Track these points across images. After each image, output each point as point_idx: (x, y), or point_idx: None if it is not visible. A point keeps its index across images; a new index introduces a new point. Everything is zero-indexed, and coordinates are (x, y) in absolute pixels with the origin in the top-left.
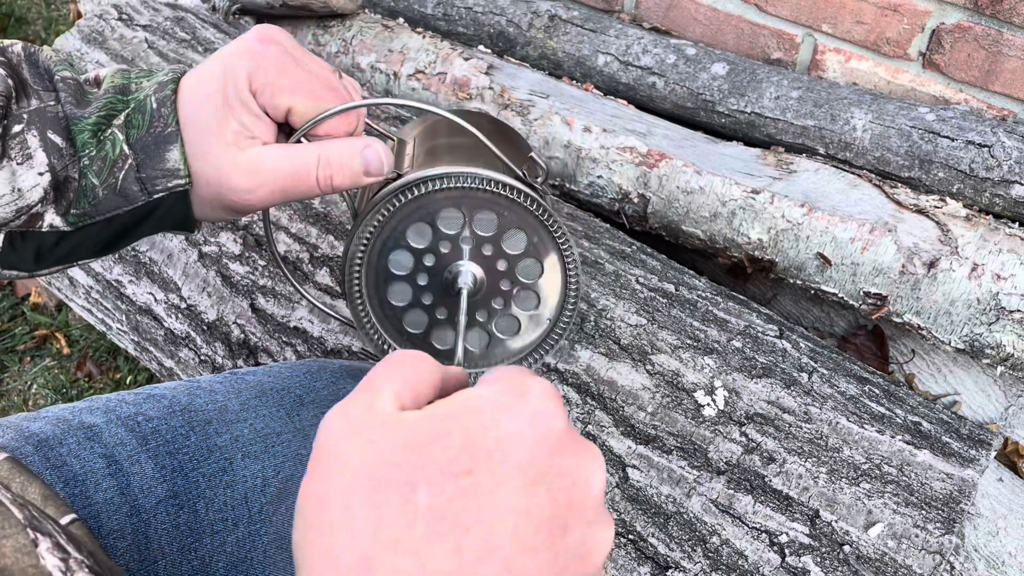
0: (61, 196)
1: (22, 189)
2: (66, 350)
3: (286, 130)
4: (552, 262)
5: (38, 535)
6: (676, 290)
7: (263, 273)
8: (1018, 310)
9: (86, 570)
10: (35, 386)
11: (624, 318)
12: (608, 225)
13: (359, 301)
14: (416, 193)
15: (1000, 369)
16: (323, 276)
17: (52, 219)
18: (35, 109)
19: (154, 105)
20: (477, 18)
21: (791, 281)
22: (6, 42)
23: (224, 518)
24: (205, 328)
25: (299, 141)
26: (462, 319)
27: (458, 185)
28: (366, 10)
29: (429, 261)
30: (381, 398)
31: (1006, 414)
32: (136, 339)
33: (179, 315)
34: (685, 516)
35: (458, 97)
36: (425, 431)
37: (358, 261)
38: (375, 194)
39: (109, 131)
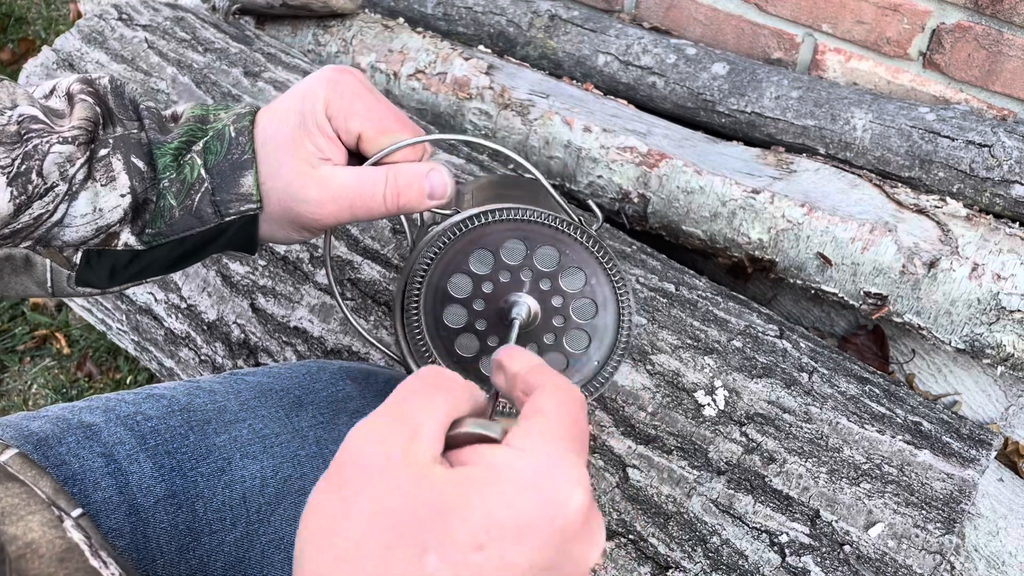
0: (138, 217)
1: (103, 209)
2: (66, 350)
3: (356, 160)
4: (607, 305)
5: (62, 512)
6: (676, 290)
7: (263, 273)
8: (1018, 310)
9: (105, 552)
10: (35, 386)
11: None
12: (608, 225)
13: (415, 316)
14: (486, 220)
15: (1000, 369)
16: (323, 276)
17: (127, 238)
18: (120, 135)
19: (232, 134)
20: (477, 18)
21: (791, 281)
22: (94, 75)
23: (222, 518)
24: (205, 328)
25: None
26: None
27: (525, 219)
28: (366, 10)
29: (487, 288)
30: (420, 441)
31: (1006, 414)
32: (136, 339)
33: (179, 315)
34: (685, 516)
35: (458, 97)
36: (450, 498)
37: (420, 277)
38: (429, 228)
39: (188, 156)
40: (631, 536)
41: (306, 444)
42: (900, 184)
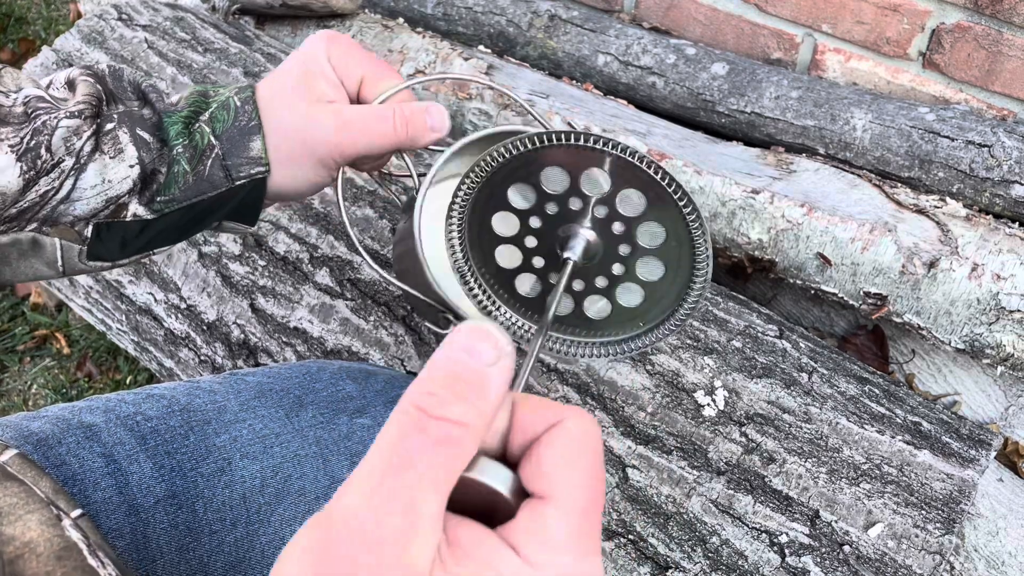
0: (145, 188)
1: (112, 180)
2: (66, 350)
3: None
4: (676, 226)
5: (61, 512)
6: None
7: (263, 273)
8: (1018, 310)
9: (103, 552)
10: (35, 386)
11: None
12: None
13: (461, 246)
14: (539, 144)
15: (1000, 369)
16: (323, 276)
17: (135, 209)
18: (124, 111)
19: (238, 103)
20: (477, 18)
21: (791, 281)
22: (93, 63)
23: (222, 518)
24: (205, 328)
25: None
26: (559, 289)
27: (568, 143)
28: (366, 10)
29: (536, 223)
30: (418, 535)
31: (1006, 414)
32: (136, 339)
33: (179, 315)
34: (685, 516)
35: (458, 97)
36: None
37: (470, 186)
38: (412, 200)
39: (197, 125)
40: (631, 536)
41: (306, 444)
42: (900, 184)
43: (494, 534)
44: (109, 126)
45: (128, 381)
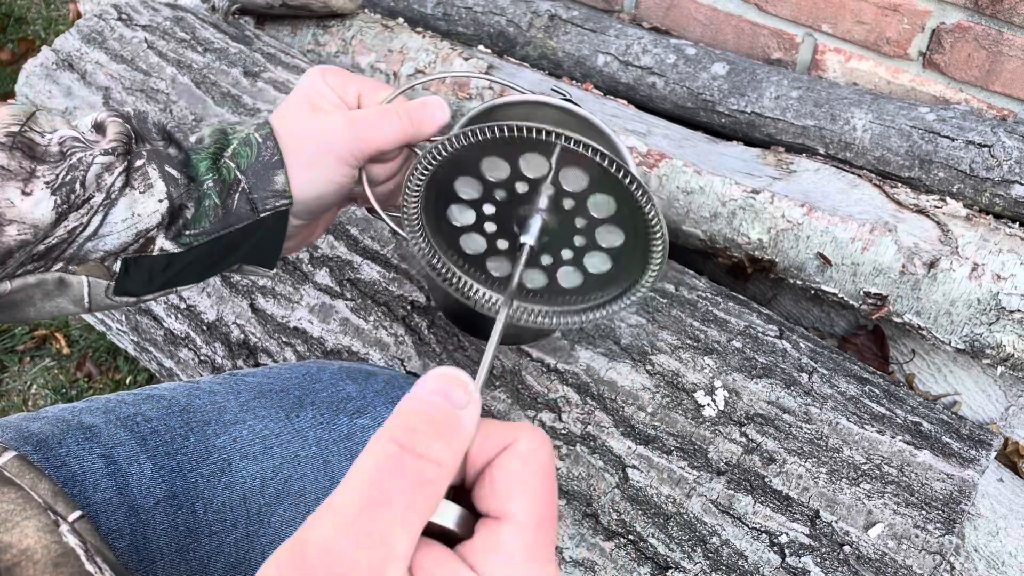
0: (172, 223)
1: (142, 214)
2: (66, 350)
3: None
4: (623, 197)
5: (58, 517)
6: (676, 290)
7: None
8: (1018, 310)
9: (101, 558)
10: (35, 386)
11: (624, 318)
12: None
13: (415, 192)
14: (461, 143)
15: (1000, 369)
16: (323, 276)
17: (163, 243)
18: (152, 149)
19: (259, 139)
20: (477, 18)
21: (791, 281)
22: (118, 106)
23: (223, 519)
24: (205, 328)
25: None
26: (516, 274)
27: (504, 135)
28: (366, 10)
29: (488, 210)
30: (391, 570)
31: (1006, 414)
32: (136, 339)
33: (179, 315)
34: (685, 516)
35: (458, 97)
36: None
37: (424, 171)
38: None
39: (223, 160)
40: (631, 536)
41: (306, 445)
42: (900, 184)
43: (454, 555)
44: (139, 162)
45: (128, 381)
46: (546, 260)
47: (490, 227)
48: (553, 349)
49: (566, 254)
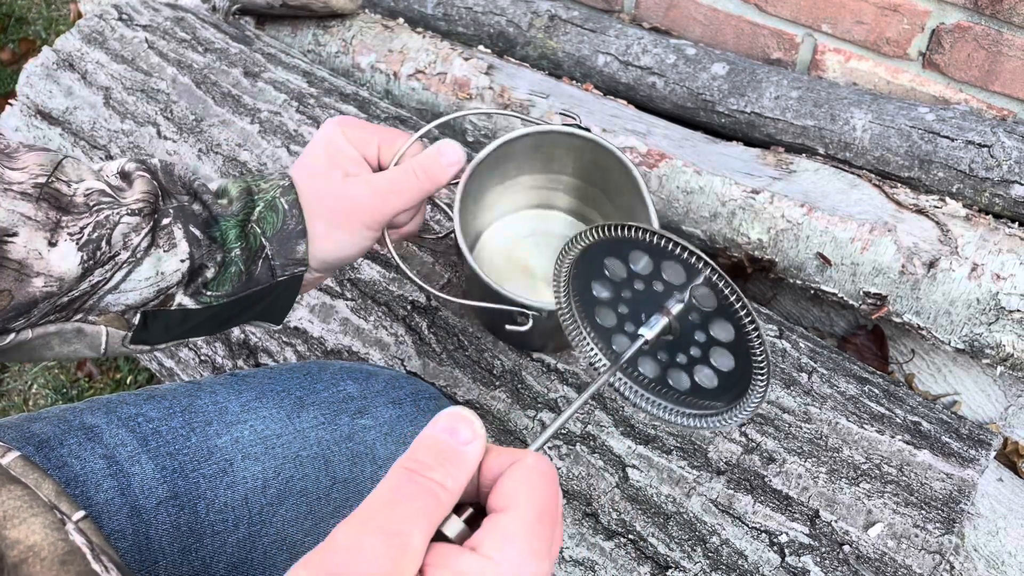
0: (191, 280)
1: (165, 272)
2: None
3: None
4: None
5: (64, 516)
6: None
7: None
8: (1018, 310)
9: (106, 557)
10: (35, 386)
11: None
12: None
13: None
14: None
15: (1000, 369)
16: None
17: (181, 299)
18: (177, 206)
19: (285, 206)
20: (477, 18)
21: (791, 281)
22: (143, 158)
23: (224, 519)
24: None
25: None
26: (627, 355)
27: (642, 239)
28: (366, 10)
29: (631, 290)
30: (406, 561)
31: (1006, 414)
32: None
33: None
34: (685, 516)
35: (458, 97)
36: None
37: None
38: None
39: (250, 226)
40: (631, 536)
41: (307, 445)
42: (900, 184)
43: (457, 546)
44: (165, 221)
45: (128, 381)
46: (662, 356)
47: (623, 308)
48: (553, 349)
49: (680, 358)
